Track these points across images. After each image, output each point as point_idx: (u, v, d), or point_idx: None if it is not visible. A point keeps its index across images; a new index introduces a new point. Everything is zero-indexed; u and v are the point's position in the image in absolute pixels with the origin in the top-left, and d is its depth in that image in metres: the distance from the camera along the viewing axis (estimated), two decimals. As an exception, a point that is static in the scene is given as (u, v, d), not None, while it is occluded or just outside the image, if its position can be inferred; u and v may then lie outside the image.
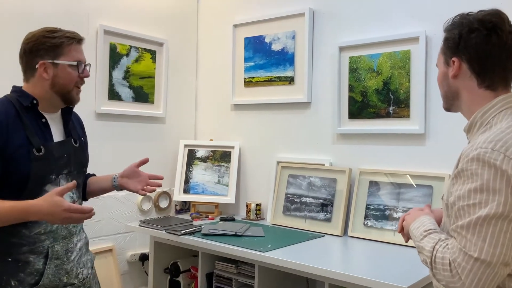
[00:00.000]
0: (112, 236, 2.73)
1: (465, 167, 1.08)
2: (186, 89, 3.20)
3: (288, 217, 2.57)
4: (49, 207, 1.42)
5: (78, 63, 1.63)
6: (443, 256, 1.06)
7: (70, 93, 1.64)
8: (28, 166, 1.51)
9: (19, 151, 1.50)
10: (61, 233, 1.62)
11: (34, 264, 1.54)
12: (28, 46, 1.59)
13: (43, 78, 1.59)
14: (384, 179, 2.32)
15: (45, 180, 1.56)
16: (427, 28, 2.23)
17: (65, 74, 1.60)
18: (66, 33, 1.62)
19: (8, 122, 1.50)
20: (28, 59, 1.60)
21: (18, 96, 1.58)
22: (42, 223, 1.56)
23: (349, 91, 2.50)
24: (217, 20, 3.14)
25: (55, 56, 1.59)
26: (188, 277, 2.64)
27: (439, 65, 1.28)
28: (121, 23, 2.77)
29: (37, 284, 1.54)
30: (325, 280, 1.86)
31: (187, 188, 2.96)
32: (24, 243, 1.53)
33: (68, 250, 1.64)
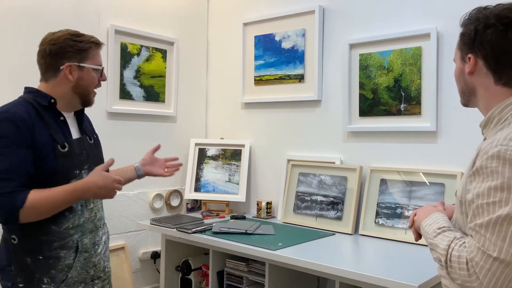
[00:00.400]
0: (124, 234, 2.75)
1: (484, 165, 1.05)
2: (196, 88, 3.21)
3: (299, 215, 2.57)
4: (103, 180, 1.58)
5: (102, 68, 1.72)
6: (459, 255, 1.04)
7: (89, 95, 1.72)
8: (54, 163, 1.57)
9: (45, 148, 1.56)
10: (87, 226, 1.68)
11: (65, 259, 1.60)
12: (54, 48, 1.64)
13: (67, 79, 1.65)
14: (395, 177, 2.30)
15: (70, 175, 1.62)
16: (439, 24, 2.21)
17: (89, 77, 1.69)
18: (90, 38, 1.70)
19: (32, 120, 1.56)
20: (53, 60, 1.65)
21: (35, 96, 1.63)
22: (70, 218, 1.62)
23: (359, 89, 2.48)
24: (227, 18, 3.14)
25: (81, 59, 1.66)
26: (200, 275, 2.66)
27: (456, 60, 1.25)
28: (132, 23, 2.78)
29: (66, 279, 1.60)
30: (336, 278, 1.86)
31: (198, 186, 2.97)
32: (55, 239, 1.59)
33: (95, 243, 1.71)
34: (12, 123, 1.51)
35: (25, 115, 1.55)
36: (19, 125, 1.52)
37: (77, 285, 1.63)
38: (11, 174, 1.49)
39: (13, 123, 1.52)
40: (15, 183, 1.49)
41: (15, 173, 1.49)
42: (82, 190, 1.57)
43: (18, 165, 1.50)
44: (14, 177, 1.49)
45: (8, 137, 1.50)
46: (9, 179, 1.48)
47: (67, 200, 1.56)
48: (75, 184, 1.58)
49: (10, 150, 1.50)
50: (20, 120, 1.53)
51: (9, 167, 1.49)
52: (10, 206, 1.47)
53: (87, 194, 1.59)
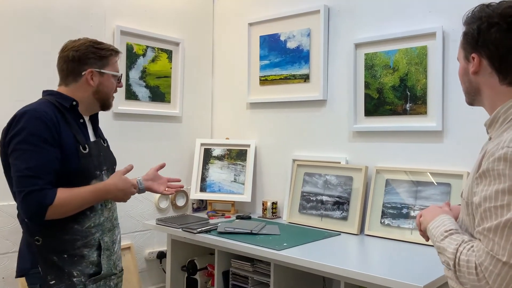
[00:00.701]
0: (131, 234, 2.76)
1: (491, 167, 1.03)
2: (202, 88, 3.22)
3: (304, 215, 2.56)
4: (123, 184, 1.68)
5: (120, 75, 1.81)
6: (468, 259, 1.02)
7: (108, 100, 1.81)
8: (77, 163, 1.63)
9: (70, 148, 1.62)
10: (107, 225, 1.75)
11: (89, 257, 1.66)
12: (77, 54, 1.71)
13: (88, 84, 1.72)
14: (401, 177, 2.29)
15: (92, 175, 1.69)
16: (444, 24, 2.20)
17: (109, 83, 1.77)
18: (110, 46, 1.79)
19: (58, 120, 1.62)
20: (75, 65, 1.72)
21: (57, 98, 1.69)
22: (91, 217, 1.68)
23: (365, 88, 2.47)
24: (233, 19, 3.15)
25: (102, 66, 1.74)
26: (205, 274, 2.66)
27: (460, 59, 1.24)
28: (137, 24, 2.80)
29: (96, 274, 1.67)
30: (341, 279, 1.86)
31: (203, 186, 2.98)
32: (78, 238, 1.64)
33: (113, 241, 1.78)
34: (41, 122, 1.56)
35: (52, 115, 1.60)
36: (48, 124, 1.57)
37: (100, 280, 1.70)
38: (41, 171, 1.53)
39: (42, 121, 1.57)
40: (44, 180, 1.53)
41: (44, 170, 1.54)
42: (104, 191, 1.65)
43: (47, 163, 1.55)
44: (44, 175, 1.54)
45: (37, 135, 1.55)
46: (39, 177, 1.53)
47: (91, 200, 1.63)
48: (98, 185, 1.65)
49: (39, 148, 1.54)
50: (49, 119, 1.58)
51: (39, 165, 1.53)
52: (40, 203, 1.51)
53: (108, 195, 1.67)
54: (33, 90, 2.25)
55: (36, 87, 2.28)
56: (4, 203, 2.20)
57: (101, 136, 1.87)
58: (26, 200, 1.51)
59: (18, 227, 2.20)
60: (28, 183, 1.51)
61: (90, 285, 1.65)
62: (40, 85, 2.28)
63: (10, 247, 2.22)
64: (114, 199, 1.73)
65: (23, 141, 1.54)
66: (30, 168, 1.52)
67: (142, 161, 2.82)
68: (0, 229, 2.20)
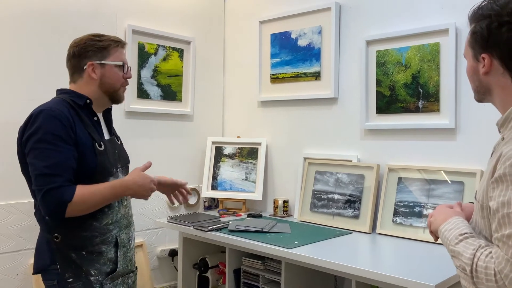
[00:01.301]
0: (143, 232, 2.78)
1: (508, 171, 1.00)
2: (213, 87, 3.22)
3: (315, 213, 2.56)
4: (141, 180, 1.68)
5: (123, 64, 1.77)
6: (486, 266, 1.00)
7: (117, 92, 1.78)
8: (93, 160, 1.65)
9: (85, 145, 1.64)
10: (123, 222, 1.77)
11: (106, 253, 1.68)
12: (76, 49, 1.72)
13: (91, 78, 1.72)
14: (414, 175, 2.27)
15: (108, 172, 1.70)
16: (457, 20, 2.17)
17: (112, 74, 1.74)
18: (111, 37, 1.77)
19: (73, 119, 1.64)
20: (76, 61, 1.73)
21: (71, 97, 1.70)
22: (109, 214, 1.70)
23: (377, 86, 2.46)
24: (243, 17, 3.15)
25: (102, 57, 1.73)
26: (217, 272, 2.67)
27: (467, 57, 1.21)
28: (148, 23, 2.81)
29: (112, 272, 1.69)
30: (352, 277, 1.85)
31: (215, 184, 2.99)
32: (96, 235, 1.66)
33: (129, 238, 1.80)
34: (57, 120, 1.58)
35: (67, 113, 1.62)
36: (64, 122, 1.59)
37: (118, 278, 1.72)
38: (59, 169, 1.55)
39: (58, 120, 1.58)
40: (62, 178, 1.55)
41: (62, 168, 1.56)
42: (123, 187, 1.65)
43: (65, 161, 1.57)
44: (62, 173, 1.56)
45: (54, 133, 1.57)
46: (57, 175, 1.55)
47: (110, 196, 1.64)
48: (117, 182, 1.66)
49: (56, 146, 1.56)
50: (64, 117, 1.60)
51: (57, 163, 1.55)
52: (59, 200, 1.53)
53: (127, 192, 1.67)
54: (45, 90, 2.28)
55: (48, 87, 2.31)
56: (17, 201, 2.23)
57: (115, 134, 1.88)
58: (45, 198, 1.53)
59: (31, 224, 2.25)
60: (47, 181, 1.53)
61: (107, 284, 1.67)
62: (52, 84, 2.31)
63: (24, 245, 2.25)
64: (134, 195, 1.71)
65: (40, 140, 1.56)
66: (48, 167, 1.54)
67: (154, 159, 2.83)
68: (14, 227, 2.22)
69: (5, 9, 2.21)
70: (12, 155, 2.12)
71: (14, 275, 2.22)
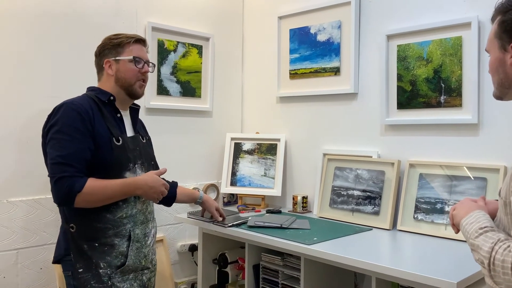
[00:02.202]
0: (163, 227, 2.81)
1: None
2: (232, 83, 3.23)
3: (335, 210, 2.54)
4: (152, 182, 1.74)
5: (134, 58, 1.82)
6: (503, 259, 0.99)
7: (132, 87, 1.84)
8: (110, 154, 1.70)
9: (103, 139, 1.70)
10: (139, 218, 1.80)
11: (118, 247, 1.72)
12: (98, 49, 1.85)
13: (109, 74, 1.81)
14: (435, 171, 2.24)
15: (125, 167, 1.75)
16: (480, 13, 2.13)
17: (125, 69, 1.81)
18: (127, 34, 1.85)
19: (93, 112, 1.70)
20: (98, 60, 1.85)
21: (96, 94, 1.78)
22: (123, 208, 1.74)
23: (397, 81, 2.42)
24: (262, 12, 3.14)
25: (116, 54, 1.81)
26: (236, 268, 2.68)
27: (492, 50, 1.18)
28: (168, 20, 2.83)
29: (122, 266, 1.72)
30: (372, 274, 1.83)
31: (234, 180, 2.99)
32: (109, 227, 1.71)
33: (145, 234, 1.83)
34: (76, 113, 1.66)
35: (87, 107, 1.69)
36: (82, 115, 1.66)
37: (129, 273, 1.75)
38: (72, 159, 1.62)
39: (77, 113, 1.66)
40: (75, 168, 1.62)
41: (76, 159, 1.62)
42: (134, 186, 1.70)
43: (79, 152, 1.64)
44: (75, 163, 1.62)
45: (71, 125, 1.64)
46: (70, 164, 1.61)
47: (120, 193, 1.69)
48: (129, 180, 1.72)
49: (72, 137, 1.63)
50: (83, 110, 1.67)
51: (71, 153, 1.62)
52: (69, 189, 1.59)
53: (137, 191, 1.73)
54: (67, 87, 2.33)
55: (70, 84, 2.36)
56: (41, 196, 2.27)
57: (141, 132, 1.94)
58: (56, 185, 1.61)
59: (54, 219, 2.30)
60: (59, 170, 1.61)
61: (116, 277, 1.70)
62: (74, 81, 2.36)
63: (48, 239, 2.30)
64: (144, 195, 1.76)
65: (58, 131, 1.64)
66: (63, 156, 1.61)
67: (173, 155, 2.86)
68: (38, 222, 2.27)
69: (28, 8, 2.25)
70: (35, 151, 2.17)
71: (38, 269, 2.27)
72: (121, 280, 1.72)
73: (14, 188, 2.21)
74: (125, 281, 1.73)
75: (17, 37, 2.22)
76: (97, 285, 1.68)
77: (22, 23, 2.24)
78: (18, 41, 2.23)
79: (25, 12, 2.25)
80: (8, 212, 2.18)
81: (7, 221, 2.17)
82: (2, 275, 2.16)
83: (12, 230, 2.19)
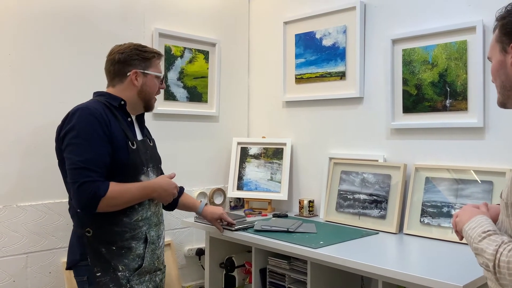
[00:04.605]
0: (171, 231, 2.82)
1: None
2: (238, 88, 3.25)
3: (341, 213, 2.55)
4: (166, 185, 1.81)
5: (161, 76, 1.89)
6: (509, 261, 1.00)
7: (151, 101, 1.90)
8: (127, 157, 1.73)
9: (120, 142, 1.72)
10: (153, 220, 1.83)
11: (135, 249, 1.75)
12: (122, 56, 1.82)
13: (133, 84, 1.83)
14: (441, 174, 2.24)
15: (140, 170, 1.78)
16: (485, 17, 2.13)
17: (152, 84, 1.86)
18: (153, 49, 1.89)
19: (108, 117, 1.72)
20: (120, 67, 1.83)
21: (107, 99, 1.80)
22: (139, 211, 1.77)
23: (403, 85, 2.43)
24: (268, 18, 3.16)
25: (146, 67, 1.84)
26: (243, 272, 2.69)
27: (494, 54, 1.19)
28: (175, 26, 2.85)
29: (139, 268, 1.75)
30: (379, 278, 1.84)
31: (240, 185, 3.01)
32: (126, 230, 1.73)
33: (159, 236, 1.86)
34: (93, 118, 1.67)
35: (102, 112, 1.71)
36: (99, 120, 1.68)
37: (145, 275, 1.78)
38: (94, 164, 1.64)
39: (94, 117, 1.67)
40: (97, 173, 1.63)
41: (97, 164, 1.64)
42: (151, 189, 1.75)
43: (99, 157, 1.65)
44: (96, 168, 1.64)
45: (89, 130, 1.66)
46: (92, 169, 1.63)
47: (139, 196, 1.72)
48: (146, 183, 1.75)
49: (92, 142, 1.65)
50: (99, 115, 1.69)
51: (92, 158, 1.64)
52: (93, 194, 1.61)
53: (153, 193, 1.78)
54: (75, 92, 2.36)
55: (78, 89, 2.39)
56: (50, 200, 2.30)
57: (148, 135, 1.96)
58: (79, 190, 1.61)
59: (63, 224, 2.32)
60: (82, 175, 1.61)
61: (134, 280, 1.72)
62: (82, 87, 2.39)
63: (57, 243, 2.32)
64: (159, 198, 1.81)
65: (76, 136, 1.65)
66: (84, 161, 1.62)
67: (180, 160, 2.88)
68: (47, 226, 2.30)
69: (36, 14, 2.29)
70: (45, 156, 2.20)
71: (47, 273, 2.30)
72: (138, 282, 1.74)
73: (24, 193, 2.24)
74: (142, 283, 1.75)
75: (24, 43, 2.26)
76: None
77: (29, 29, 2.27)
78: (25, 47, 2.26)
79: (32, 18, 2.28)
80: (17, 217, 2.21)
81: (17, 225, 2.20)
82: (12, 279, 2.18)
83: (22, 235, 2.22)
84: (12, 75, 2.21)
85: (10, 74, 2.21)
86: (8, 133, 2.19)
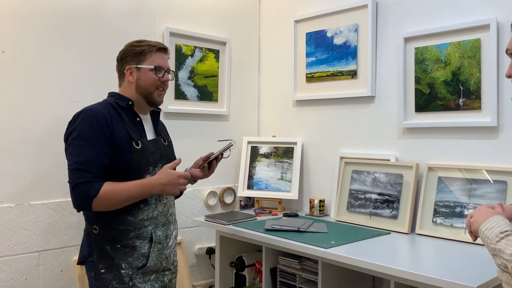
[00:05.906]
0: (181, 230, 2.82)
1: None
2: (248, 87, 3.24)
3: (352, 213, 2.53)
4: (167, 178, 1.72)
5: (156, 67, 1.83)
6: None
7: (151, 95, 1.85)
8: (129, 157, 1.73)
9: (122, 143, 1.72)
10: (160, 220, 1.82)
11: (140, 248, 1.75)
12: (119, 55, 1.86)
13: (129, 81, 1.83)
14: (454, 174, 2.21)
15: (144, 170, 1.77)
16: (499, 15, 2.10)
17: (146, 77, 1.83)
18: (149, 42, 1.86)
19: (111, 117, 1.73)
20: (119, 65, 1.87)
21: (115, 99, 1.81)
22: (145, 210, 1.77)
23: (415, 83, 2.41)
24: (279, 16, 3.15)
25: (138, 61, 1.82)
26: (253, 271, 2.69)
27: None
28: (185, 25, 2.86)
29: (144, 267, 1.75)
30: (391, 278, 1.82)
31: (250, 184, 3.00)
32: (131, 229, 1.74)
33: (167, 236, 1.85)
34: (94, 119, 1.69)
35: (105, 113, 1.72)
36: (100, 121, 1.69)
37: (151, 274, 1.78)
38: (89, 166, 1.66)
39: (95, 119, 1.69)
40: (91, 174, 1.65)
41: (92, 165, 1.66)
42: (149, 186, 1.72)
43: (96, 158, 1.67)
44: (91, 169, 1.65)
45: (89, 132, 1.68)
46: (86, 170, 1.65)
47: (136, 194, 1.71)
48: (143, 180, 1.73)
49: (90, 143, 1.67)
50: (101, 116, 1.70)
51: (88, 159, 1.66)
52: (85, 194, 1.63)
53: (154, 190, 1.74)
54: (85, 91, 2.37)
55: (89, 88, 2.40)
56: (62, 199, 2.31)
57: (162, 135, 1.96)
58: (73, 191, 1.65)
59: (75, 222, 2.34)
60: (76, 176, 1.65)
61: (137, 278, 1.73)
62: (92, 86, 2.40)
63: (68, 242, 2.34)
64: (163, 193, 1.78)
65: (76, 138, 1.68)
66: (79, 162, 1.65)
67: (191, 158, 2.87)
68: (59, 224, 2.31)
69: (47, 14, 2.30)
70: (56, 154, 2.21)
71: (58, 271, 2.31)
72: (142, 281, 1.74)
73: (36, 191, 2.25)
74: (146, 282, 1.76)
75: (35, 43, 2.27)
76: (119, 286, 1.71)
77: (41, 28, 2.28)
78: (37, 46, 2.27)
79: (44, 17, 2.29)
80: (29, 215, 2.23)
81: (29, 223, 2.22)
82: (24, 276, 2.20)
83: (34, 233, 2.23)
84: (24, 74, 2.23)
85: (22, 73, 2.22)
86: (20, 132, 2.21)
